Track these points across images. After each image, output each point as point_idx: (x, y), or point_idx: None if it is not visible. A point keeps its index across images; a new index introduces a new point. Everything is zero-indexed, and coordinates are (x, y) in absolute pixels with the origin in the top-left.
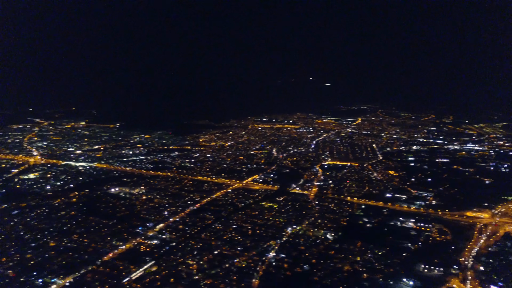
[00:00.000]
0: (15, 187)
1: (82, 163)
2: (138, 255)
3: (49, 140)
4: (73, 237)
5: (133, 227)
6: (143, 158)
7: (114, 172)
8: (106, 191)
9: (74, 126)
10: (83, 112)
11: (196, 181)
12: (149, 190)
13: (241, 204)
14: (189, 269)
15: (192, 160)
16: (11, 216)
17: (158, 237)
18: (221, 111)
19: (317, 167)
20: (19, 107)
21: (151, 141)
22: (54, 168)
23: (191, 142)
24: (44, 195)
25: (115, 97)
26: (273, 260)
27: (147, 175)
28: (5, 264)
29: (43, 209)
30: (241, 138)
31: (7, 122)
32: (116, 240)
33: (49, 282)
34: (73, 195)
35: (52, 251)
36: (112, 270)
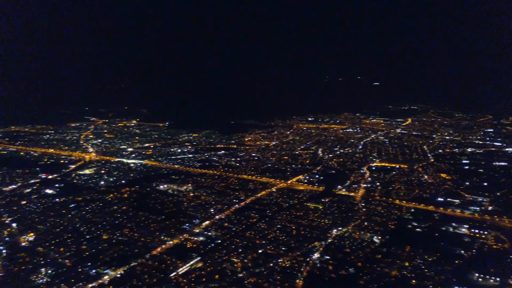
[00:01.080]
0: (72, 181)
1: (133, 160)
2: (184, 250)
3: (103, 138)
4: (124, 231)
5: (180, 223)
6: (191, 156)
7: (163, 170)
8: (155, 187)
9: (126, 124)
10: (135, 111)
11: (241, 179)
12: (196, 187)
13: (285, 204)
14: (233, 266)
15: (238, 159)
16: (68, 209)
17: (204, 234)
18: (266, 111)
19: (364, 169)
20: (77, 107)
21: (199, 140)
22: (108, 165)
23: (237, 141)
24: (98, 190)
25: (165, 96)
26: (317, 262)
27: (194, 172)
28: (63, 254)
29: (97, 203)
30: (286, 138)
31: (66, 121)
32: (164, 235)
33: (101, 273)
34: (124, 191)
35: (105, 244)
36: (160, 264)
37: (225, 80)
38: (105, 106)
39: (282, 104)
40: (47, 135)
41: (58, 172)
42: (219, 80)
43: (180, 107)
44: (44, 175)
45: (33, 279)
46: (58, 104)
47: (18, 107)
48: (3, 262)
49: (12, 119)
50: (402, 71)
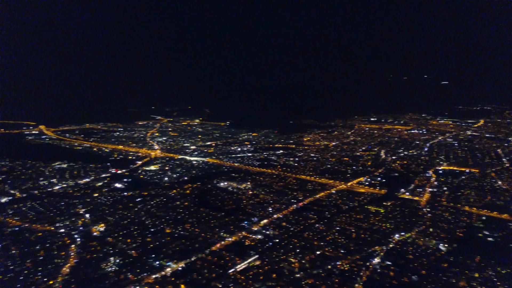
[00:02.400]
0: (138, 177)
1: (195, 158)
2: (243, 248)
3: (168, 136)
4: (186, 226)
5: (239, 220)
6: (250, 155)
7: (224, 167)
8: (216, 184)
9: (189, 123)
10: (198, 111)
11: (299, 180)
12: (255, 186)
13: (345, 206)
14: (291, 266)
15: (296, 159)
16: (135, 203)
17: (262, 233)
18: (326, 110)
19: (430, 172)
20: (144, 106)
21: (258, 139)
22: (172, 162)
23: (296, 141)
24: (162, 185)
25: (226, 96)
26: (378, 267)
27: (253, 171)
28: (130, 244)
29: (161, 198)
30: (346, 139)
31: (134, 119)
32: (224, 232)
33: (164, 265)
34: (187, 187)
35: (167, 237)
36: (219, 260)
37: (286, 80)
38: (170, 105)
39: (343, 104)
40: (117, 133)
41: (127, 167)
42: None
43: (241, 106)
44: (114, 170)
45: (103, 267)
46: (128, 103)
47: (92, 106)
48: (77, 249)
49: (86, 117)
50: (475, 68)
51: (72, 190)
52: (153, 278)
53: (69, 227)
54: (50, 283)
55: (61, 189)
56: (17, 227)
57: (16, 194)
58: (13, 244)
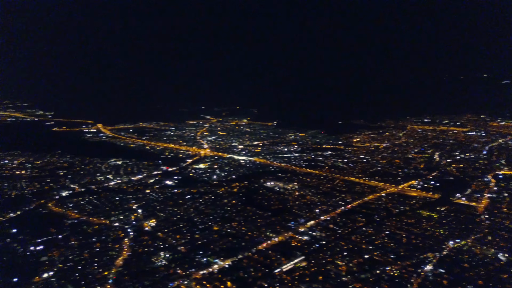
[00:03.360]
0: (188, 174)
1: (243, 157)
2: (289, 248)
3: (217, 135)
4: (233, 224)
5: (285, 221)
6: (297, 155)
7: (271, 167)
8: (262, 184)
9: (237, 123)
10: (246, 111)
11: (348, 181)
12: (302, 186)
13: (395, 210)
14: (338, 269)
15: (345, 160)
16: (184, 200)
17: (309, 234)
18: (377, 111)
19: (489, 177)
20: (195, 106)
21: (305, 139)
22: (220, 160)
23: (344, 142)
24: (211, 183)
25: (274, 96)
26: (430, 274)
27: (300, 172)
28: (179, 240)
29: (210, 196)
30: (398, 140)
31: (185, 118)
32: (270, 232)
33: (212, 262)
34: (234, 186)
35: (215, 235)
36: (265, 259)
37: (335, 79)
38: (219, 105)
39: (395, 104)
40: (168, 131)
41: (177, 165)
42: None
43: (289, 107)
44: (165, 167)
45: (154, 261)
46: (179, 104)
47: (146, 106)
48: (130, 243)
49: (140, 116)
50: None
51: (126, 186)
52: (201, 274)
53: (123, 221)
54: (105, 274)
55: (116, 184)
56: (76, 219)
57: (76, 188)
58: (72, 235)
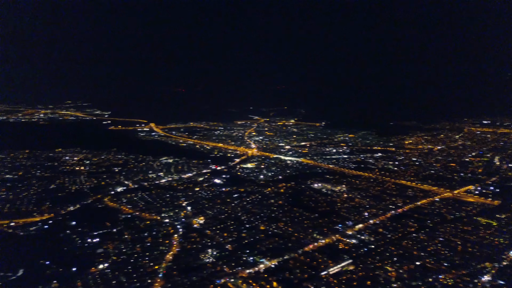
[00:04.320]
0: (236, 174)
1: (290, 158)
2: (336, 251)
3: (264, 135)
4: (279, 224)
5: (333, 223)
6: (346, 157)
7: (318, 168)
8: (309, 185)
9: (285, 123)
10: (293, 111)
11: (399, 185)
12: (350, 189)
13: (450, 216)
14: (387, 275)
15: (396, 163)
16: (232, 198)
17: (357, 237)
18: (431, 112)
19: None
20: (243, 106)
21: (355, 141)
22: (267, 160)
23: (396, 143)
24: (258, 183)
25: (323, 96)
26: (488, 285)
27: (349, 174)
28: (226, 238)
29: (257, 196)
30: (454, 143)
31: (233, 119)
32: (317, 234)
33: (258, 262)
34: (281, 186)
35: (261, 234)
36: (311, 261)
37: (386, 78)
38: (267, 105)
39: (451, 104)
40: (217, 131)
41: (225, 164)
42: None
43: (337, 107)
44: (214, 166)
45: (202, 258)
46: (228, 104)
47: (195, 106)
48: (179, 239)
49: (190, 116)
50: None
51: (176, 184)
52: (247, 273)
53: (173, 217)
54: (155, 268)
55: (167, 182)
56: (129, 214)
57: (129, 184)
58: (126, 229)
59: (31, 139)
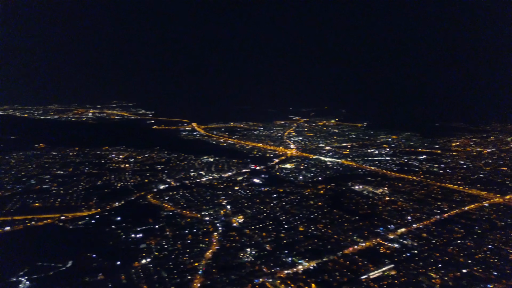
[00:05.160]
0: (275, 174)
1: (330, 159)
2: (377, 255)
3: (304, 136)
4: (319, 226)
5: (374, 226)
6: (388, 158)
7: (359, 170)
8: (350, 187)
9: (325, 124)
10: (334, 111)
11: (445, 189)
12: (393, 191)
13: (500, 223)
14: (431, 282)
15: (442, 166)
16: (271, 198)
17: (399, 241)
18: (480, 112)
19: None
20: (283, 106)
21: (398, 142)
22: (306, 161)
23: (442, 146)
24: (297, 184)
25: (365, 96)
26: None
27: (391, 176)
28: (265, 238)
29: (296, 196)
30: (505, 145)
31: (273, 119)
32: (357, 236)
33: (296, 262)
34: (321, 187)
35: (300, 235)
36: (351, 264)
37: (432, 77)
38: (307, 105)
39: (502, 105)
40: (257, 131)
41: (264, 164)
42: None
43: (380, 107)
44: (253, 165)
45: (240, 256)
46: (268, 104)
47: (236, 107)
48: (219, 237)
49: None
50: None
51: (216, 182)
52: (285, 274)
53: (213, 216)
54: (195, 265)
55: (207, 180)
56: (171, 211)
57: (171, 182)
58: (167, 226)
59: (80, 137)
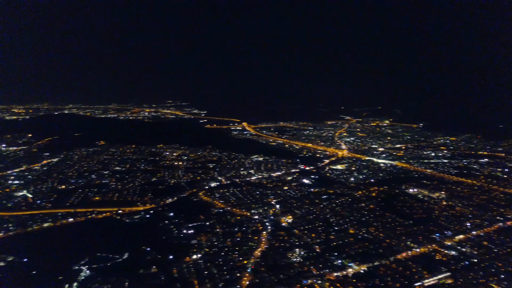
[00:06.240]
0: (325, 175)
1: (383, 160)
2: (432, 262)
3: (356, 136)
4: (370, 229)
5: (429, 231)
6: (446, 161)
7: (414, 173)
8: (404, 190)
9: (378, 124)
10: (388, 111)
11: (509, 194)
12: (450, 196)
13: None
14: None
15: (506, 170)
16: (321, 200)
17: (457, 249)
18: None
19: None
20: (334, 106)
21: (457, 144)
22: (358, 162)
23: (506, 148)
24: (348, 185)
25: (420, 96)
26: None
27: (449, 180)
28: (314, 239)
29: (346, 198)
30: None
31: (323, 118)
32: (411, 242)
33: (346, 265)
34: (373, 190)
35: (351, 238)
36: (404, 270)
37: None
38: (360, 105)
39: None
40: (307, 131)
41: (314, 164)
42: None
43: (438, 107)
44: (302, 166)
45: (289, 256)
46: (318, 103)
47: (285, 106)
48: (268, 236)
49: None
50: None
51: (266, 182)
52: (335, 276)
53: (262, 215)
54: (244, 263)
55: (257, 179)
56: (221, 209)
57: (222, 180)
58: (218, 223)
59: (137, 135)
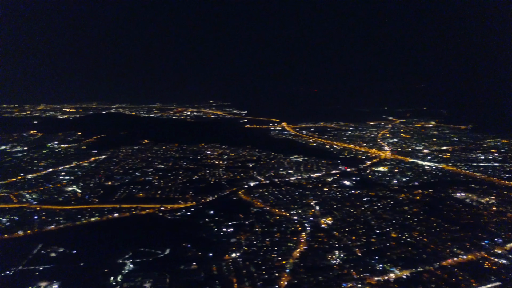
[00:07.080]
0: (367, 176)
1: (428, 163)
2: (480, 270)
3: (399, 138)
4: (413, 233)
5: (477, 238)
6: (497, 165)
7: (461, 176)
8: (451, 194)
9: (423, 125)
10: (434, 112)
11: None
12: (501, 201)
13: None
14: None
15: None
16: (362, 202)
17: (508, 257)
18: None
19: None
20: (376, 106)
21: (510, 147)
22: (402, 164)
23: None
24: (391, 188)
25: (469, 96)
26: None
27: (500, 184)
28: (354, 242)
29: (389, 201)
30: None
31: (366, 119)
32: (457, 248)
33: (388, 270)
34: (417, 193)
35: (393, 242)
36: (449, 277)
37: None
38: (404, 105)
39: None
40: (348, 132)
41: (356, 166)
42: None
43: (488, 107)
44: (343, 167)
45: (328, 259)
46: (361, 103)
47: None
48: (307, 237)
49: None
50: None
51: (305, 182)
52: (375, 280)
53: (301, 215)
54: (283, 263)
55: (296, 180)
56: (260, 208)
57: (261, 180)
58: (257, 222)
59: (179, 134)
